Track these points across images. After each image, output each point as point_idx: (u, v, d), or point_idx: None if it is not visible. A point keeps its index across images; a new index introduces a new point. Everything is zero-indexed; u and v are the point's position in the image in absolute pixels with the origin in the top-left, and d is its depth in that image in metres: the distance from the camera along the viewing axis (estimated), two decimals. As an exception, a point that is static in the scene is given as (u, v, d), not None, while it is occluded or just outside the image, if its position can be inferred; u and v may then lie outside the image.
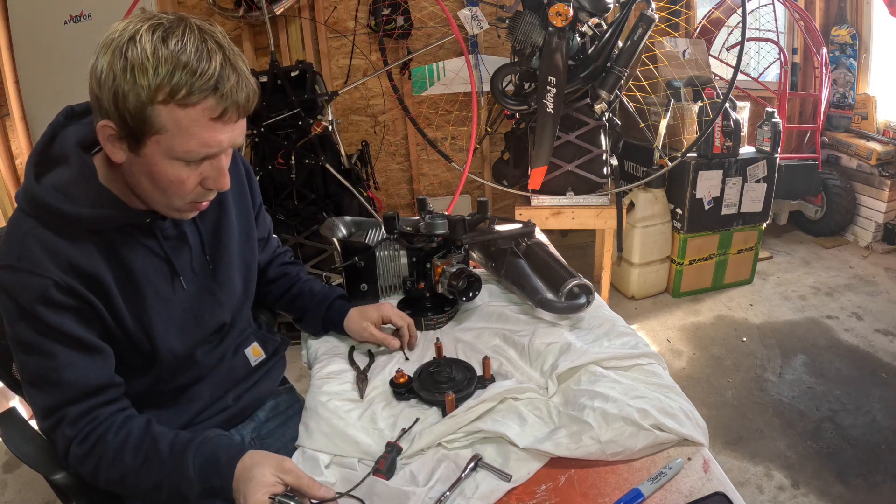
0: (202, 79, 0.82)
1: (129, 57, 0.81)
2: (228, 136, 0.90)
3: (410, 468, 0.98)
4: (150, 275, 1.04)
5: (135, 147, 0.88)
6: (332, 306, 1.37)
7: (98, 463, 0.96)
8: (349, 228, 1.61)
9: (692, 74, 3.27)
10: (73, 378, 0.96)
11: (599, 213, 2.92)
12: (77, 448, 0.96)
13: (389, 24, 3.35)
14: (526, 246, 1.55)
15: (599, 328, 1.33)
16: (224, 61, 0.85)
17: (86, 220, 0.95)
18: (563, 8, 2.39)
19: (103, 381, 1.00)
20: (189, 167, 0.90)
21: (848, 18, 4.02)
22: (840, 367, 2.71)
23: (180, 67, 0.81)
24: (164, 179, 0.90)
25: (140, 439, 0.97)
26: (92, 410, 0.98)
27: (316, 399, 1.14)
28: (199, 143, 0.87)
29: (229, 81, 0.85)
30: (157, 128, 0.85)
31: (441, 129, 3.71)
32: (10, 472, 2.31)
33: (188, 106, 0.83)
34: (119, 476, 0.97)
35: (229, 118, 0.88)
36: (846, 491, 2.03)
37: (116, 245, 1.00)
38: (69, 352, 0.95)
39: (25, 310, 0.91)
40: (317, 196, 2.98)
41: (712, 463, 0.95)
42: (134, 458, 0.96)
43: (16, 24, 2.97)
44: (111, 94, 0.83)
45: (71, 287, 0.93)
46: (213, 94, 0.84)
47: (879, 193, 3.77)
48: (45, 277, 0.91)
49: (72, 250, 0.94)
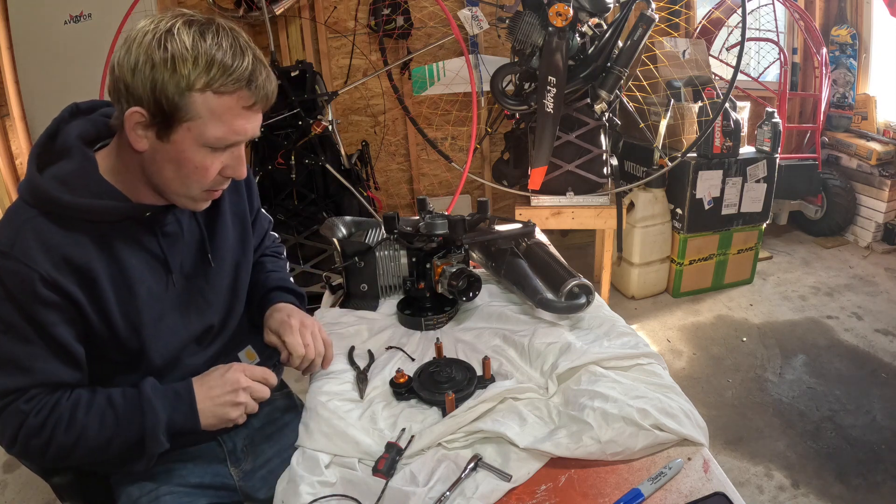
0: (238, 71, 0.90)
1: (170, 48, 0.87)
2: (252, 127, 0.97)
3: (410, 468, 0.98)
4: (144, 272, 1.05)
5: (164, 134, 0.92)
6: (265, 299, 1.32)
7: (54, 429, 0.96)
8: (349, 228, 1.61)
9: (692, 74, 3.27)
10: (42, 369, 0.97)
11: (599, 213, 2.92)
12: (33, 419, 0.96)
13: (389, 24, 3.35)
14: (526, 246, 1.55)
15: (599, 328, 1.33)
16: (255, 58, 0.93)
17: (86, 210, 0.96)
18: (563, 8, 2.39)
19: (66, 380, 1.00)
20: (214, 154, 0.95)
21: (848, 18, 4.02)
22: (840, 367, 2.71)
23: (218, 60, 0.88)
24: (189, 166, 0.95)
25: (91, 395, 1.00)
26: (48, 393, 0.99)
27: (316, 399, 1.14)
28: (229, 131, 0.93)
29: (261, 76, 0.93)
30: (191, 115, 0.90)
31: (441, 129, 3.71)
32: (9, 472, 2.31)
33: (224, 94, 0.90)
34: (74, 438, 0.97)
35: (257, 109, 0.96)
36: (846, 491, 2.03)
37: (113, 240, 1.01)
38: (44, 348, 0.96)
39: (12, 294, 0.93)
40: (317, 196, 2.98)
41: (712, 463, 0.95)
42: (86, 413, 0.98)
43: (16, 23, 2.97)
44: (149, 82, 0.88)
45: (57, 284, 0.93)
46: (247, 87, 0.91)
47: (879, 193, 3.78)
48: (33, 270, 0.92)
49: (67, 243, 0.95)
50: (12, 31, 2.98)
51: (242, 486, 1.24)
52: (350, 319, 1.44)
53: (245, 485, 1.24)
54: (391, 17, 3.35)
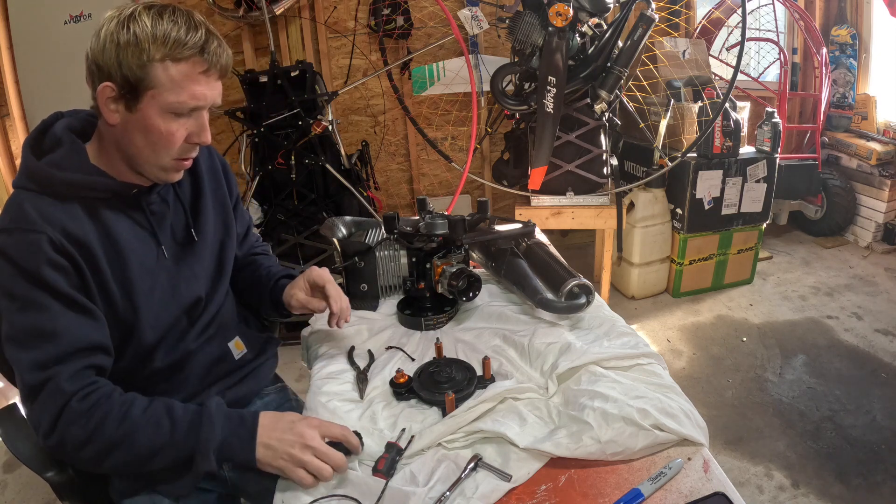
0: (192, 40, 0.98)
1: (132, 28, 0.97)
2: (211, 93, 1.04)
3: (410, 468, 0.98)
4: (135, 245, 1.11)
5: (132, 104, 1.00)
6: (276, 286, 1.36)
7: (102, 420, 0.96)
8: (349, 228, 1.61)
9: (692, 74, 3.27)
10: (67, 330, 0.98)
11: (599, 213, 2.92)
12: (77, 404, 0.96)
13: (389, 24, 3.35)
14: (526, 246, 1.55)
15: (599, 328, 1.33)
16: (207, 31, 1.01)
17: (78, 186, 1.03)
18: (563, 8, 2.39)
19: (97, 341, 1.02)
20: (178, 121, 1.03)
21: (848, 18, 4.02)
22: (840, 367, 2.71)
23: (173, 32, 0.98)
24: (156, 132, 1.02)
25: (149, 400, 1.01)
26: (89, 374, 1.00)
27: (316, 400, 1.14)
28: (188, 95, 1.01)
29: (213, 44, 1.01)
30: (154, 83, 0.98)
31: (441, 129, 3.71)
32: (10, 472, 2.31)
33: (180, 61, 0.99)
34: (122, 436, 0.96)
35: (212, 75, 1.03)
36: (846, 491, 2.03)
37: (105, 215, 1.07)
38: (63, 308, 0.99)
39: (21, 266, 0.96)
40: (317, 196, 2.98)
41: (712, 463, 0.95)
42: (143, 413, 0.98)
43: (16, 24, 2.97)
44: (115, 57, 0.97)
45: (63, 246, 0.99)
46: (200, 54, 1.00)
47: (879, 193, 3.78)
48: (39, 233, 0.97)
49: (65, 217, 1.01)
50: (12, 31, 2.98)
51: (232, 478, 1.25)
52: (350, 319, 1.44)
53: (235, 477, 1.25)
54: (391, 17, 3.35)
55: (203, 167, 1.26)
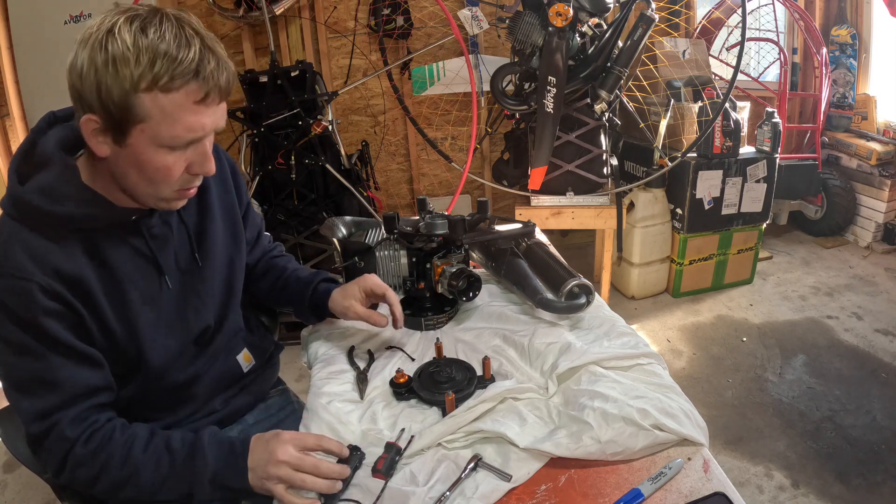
0: (183, 64, 0.84)
1: (110, 49, 0.83)
2: (211, 120, 0.91)
3: (410, 468, 0.98)
4: (136, 276, 1.04)
5: (119, 138, 0.88)
6: (316, 290, 1.32)
7: (106, 462, 0.95)
8: (349, 228, 1.61)
9: (692, 74, 3.27)
10: (68, 379, 0.95)
11: (599, 213, 2.92)
12: (81, 449, 0.95)
13: (389, 24, 3.35)
14: (526, 246, 1.55)
15: (599, 328, 1.32)
16: (203, 47, 0.86)
17: (71, 219, 0.94)
18: (563, 8, 2.39)
19: (97, 384, 0.99)
20: (174, 153, 0.91)
21: (848, 18, 4.02)
22: (840, 367, 2.71)
23: (161, 55, 0.83)
24: (150, 168, 0.90)
25: (149, 436, 0.99)
26: (90, 414, 0.98)
27: (316, 401, 1.13)
28: (183, 128, 0.88)
29: (209, 65, 0.86)
30: (141, 116, 0.85)
31: (441, 129, 3.71)
32: (10, 472, 2.31)
33: (171, 91, 0.85)
34: (126, 475, 0.96)
35: (212, 101, 0.89)
36: (846, 491, 2.03)
37: (101, 246, 0.99)
38: (61, 358, 0.94)
39: (14, 313, 0.91)
40: (317, 196, 2.98)
41: (712, 463, 0.95)
42: (144, 452, 0.96)
43: (16, 24, 2.97)
44: (94, 87, 0.84)
45: (55, 291, 0.92)
46: (195, 79, 0.85)
47: (879, 193, 3.78)
48: (28, 281, 0.90)
49: (56, 254, 0.93)
50: (12, 31, 2.97)
51: None
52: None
53: None
54: (391, 17, 3.35)
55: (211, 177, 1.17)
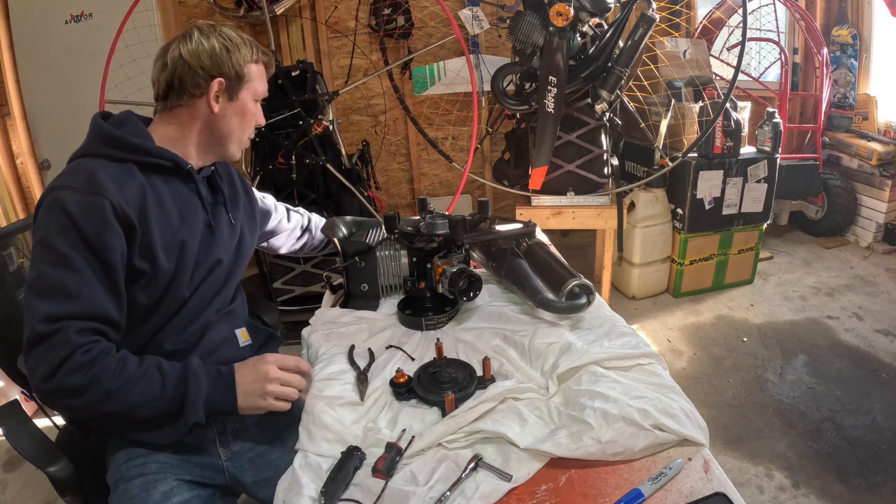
0: (258, 47, 1.28)
1: (221, 38, 1.22)
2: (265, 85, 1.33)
3: (411, 468, 0.98)
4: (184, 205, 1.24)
5: (234, 94, 1.25)
6: None
7: (99, 373, 1.02)
8: (350, 228, 1.61)
9: (693, 74, 3.27)
10: (91, 296, 1.05)
11: (600, 213, 2.92)
12: (80, 356, 1.01)
13: (390, 23, 3.35)
14: (526, 246, 1.55)
15: (600, 328, 1.33)
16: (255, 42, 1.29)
17: (148, 153, 1.18)
18: (564, 8, 2.39)
19: (113, 316, 1.09)
20: (256, 105, 1.31)
21: (849, 18, 4.02)
22: (841, 368, 2.71)
23: (247, 43, 1.26)
24: (249, 114, 1.30)
25: (140, 358, 1.10)
26: (96, 332, 1.07)
27: (317, 405, 1.13)
28: (263, 87, 1.31)
29: (266, 52, 1.31)
30: (249, 78, 1.26)
31: (442, 128, 3.71)
32: (10, 471, 2.31)
33: (259, 63, 1.29)
34: (116, 388, 1.03)
35: (269, 73, 1.34)
36: (846, 491, 2.03)
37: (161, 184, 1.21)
38: (94, 277, 1.06)
39: (77, 225, 1.05)
40: (317, 196, 2.98)
41: (713, 463, 0.95)
42: (137, 368, 1.06)
43: (17, 23, 2.97)
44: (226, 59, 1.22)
45: (123, 212, 1.09)
46: (265, 58, 1.31)
47: (880, 194, 3.77)
48: (104, 197, 1.07)
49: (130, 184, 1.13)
50: (13, 30, 2.98)
51: (230, 468, 1.26)
52: (350, 319, 1.44)
53: (232, 466, 1.27)
54: (392, 17, 3.35)
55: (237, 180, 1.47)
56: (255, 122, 1.33)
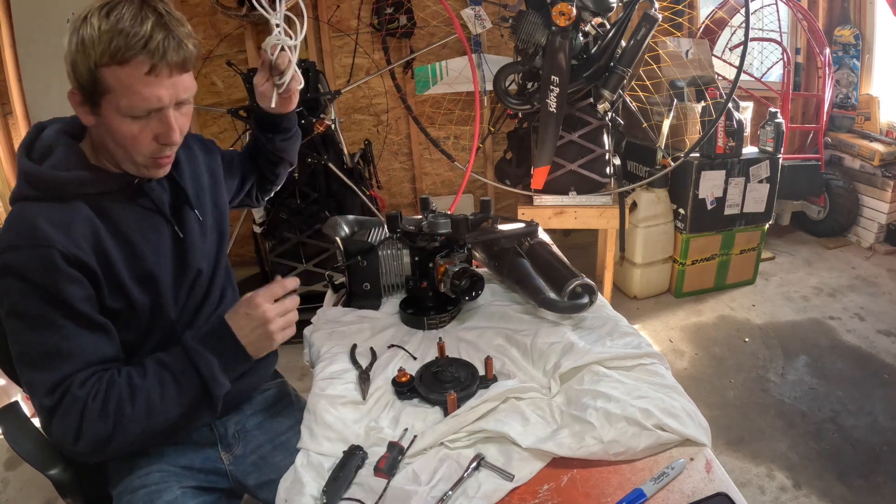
0: (133, 38, 0.93)
1: (81, 32, 0.95)
2: (169, 93, 0.99)
3: (413, 467, 0.98)
4: (146, 232, 1.12)
5: (95, 109, 1.00)
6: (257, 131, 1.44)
7: (118, 405, 0.98)
8: (352, 227, 1.61)
9: (695, 74, 3.26)
10: (81, 349, 1.00)
11: (602, 212, 2.92)
12: (92, 403, 0.97)
13: (392, 23, 3.35)
14: (528, 245, 1.55)
15: (602, 328, 1.32)
16: (156, 24, 0.96)
17: (84, 183, 1.03)
18: (567, 7, 2.38)
19: (110, 354, 1.04)
20: (138, 122, 0.99)
21: (851, 19, 4.02)
22: (842, 368, 2.71)
23: (117, 33, 0.93)
24: (119, 136, 1.00)
25: (139, 366, 1.05)
26: (95, 374, 1.01)
27: (319, 403, 1.13)
28: (139, 99, 0.97)
29: (158, 38, 0.95)
30: (106, 88, 0.96)
31: (444, 128, 3.71)
32: (11, 469, 2.32)
33: (124, 64, 0.94)
34: (142, 408, 1.00)
35: (162, 73, 0.97)
36: (848, 492, 2.03)
37: (112, 211, 1.08)
38: (77, 327, 1.00)
39: (34, 283, 0.96)
40: (319, 195, 2.98)
41: (715, 463, 0.95)
42: (143, 379, 1.02)
43: (19, 21, 2.97)
44: (71, 64, 0.97)
45: (76, 257, 0.99)
46: (142, 52, 0.94)
47: (882, 194, 3.77)
48: (50, 248, 0.97)
49: (74, 222, 1.01)
50: (15, 28, 2.98)
51: (233, 471, 1.26)
52: (352, 318, 1.44)
53: (235, 469, 1.26)
54: (394, 17, 3.35)
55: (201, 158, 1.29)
56: (140, 143, 1.01)
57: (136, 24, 0.94)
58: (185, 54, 0.99)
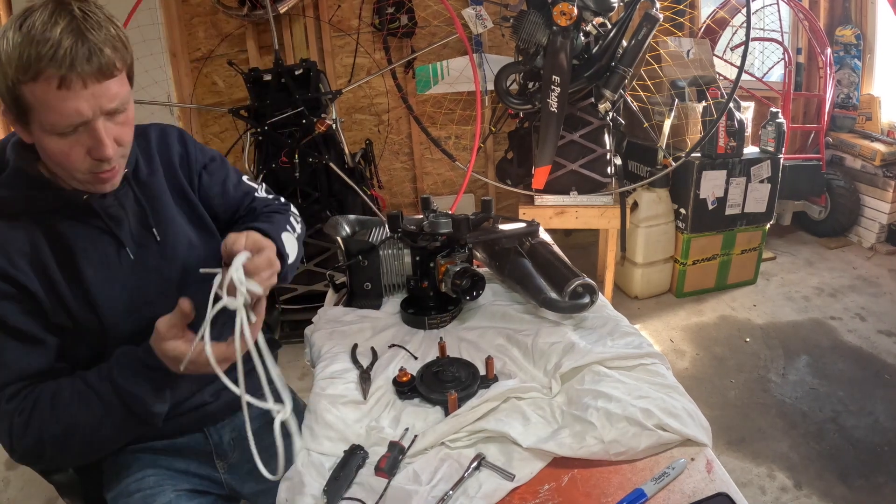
0: (42, 47, 0.83)
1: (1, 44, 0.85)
2: (88, 104, 0.88)
3: (413, 467, 0.98)
4: (92, 251, 1.04)
5: (25, 128, 0.92)
6: None
7: (41, 421, 0.94)
8: (353, 227, 1.61)
9: (696, 74, 3.26)
10: (14, 361, 0.96)
11: (603, 212, 2.92)
12: (18, 418, 0.94)
13: (393, 22, 3.35)
14: (529, 245, 1.55)
15: (603, 328, 1.32)
16: (66, 29, 0.85)
17: (27, 202, 0.98)
18: (568, 7, 2.38)
19: (44, 367, 0.99)
20: (67, 139, 0.90)
21: (852, 18, 4.01)
22: (843, 368, 2.71)
23: (27, 44, 0.84)
24: (51, 154, 0.93)
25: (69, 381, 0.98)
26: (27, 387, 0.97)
27: (320, 403, 1.13)
28: (58, 115, 0.87)
29: (62, 48, 0.84)
30: (27, 106, 0.88)
31: (445, 128, 3.71)
32: (12, 469, 2.32)
33: (36, 80, 0.85)
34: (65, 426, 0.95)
35: (75, 85, 0.86)
36: (848, 492, 2.03)
37: (59, 228, 1.01)
38: (10, 340, 0.96)
39: None
40: (320, 195, 2.98)
41: (715, 463, 0.95)
42: (70, 398, 0.95)
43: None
44: None
45: (10, 275, 0.95)
46: (51, 65, 0.84)
47: (883, 194, 3.76)
48: None
49: (11, 238, 0.97)
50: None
51: (227, 480, 1.25)
52: (353, 318, 1.44)
53: (230, 478, 1.25)
54: (395, 16, 3.35)
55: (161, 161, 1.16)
56: (72, 160, 0.93)
57: (47, 30, 0.84)
58: (100, 61, 0.87)
